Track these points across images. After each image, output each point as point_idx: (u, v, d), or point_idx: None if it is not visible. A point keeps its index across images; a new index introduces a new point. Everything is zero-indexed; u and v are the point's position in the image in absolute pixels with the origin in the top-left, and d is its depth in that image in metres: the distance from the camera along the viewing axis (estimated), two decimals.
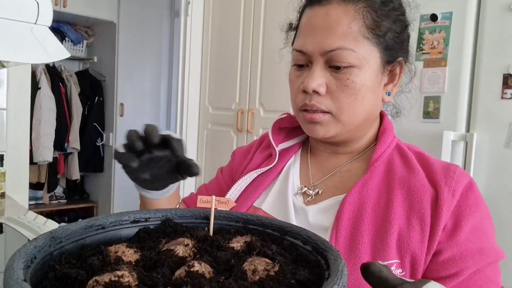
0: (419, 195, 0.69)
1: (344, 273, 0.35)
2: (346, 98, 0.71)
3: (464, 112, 1.67)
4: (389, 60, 0.74)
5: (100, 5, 3.88)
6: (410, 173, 0.73)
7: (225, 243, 0.46)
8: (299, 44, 0.74)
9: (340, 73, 0.70)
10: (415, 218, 0.68)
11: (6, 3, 0.83)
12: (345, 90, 0.71)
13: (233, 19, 2.69)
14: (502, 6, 1.56)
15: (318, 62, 0.71)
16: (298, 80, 0.75)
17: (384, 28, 0.72)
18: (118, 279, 0.35)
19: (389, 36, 0.73)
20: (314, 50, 0.71)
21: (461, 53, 1.65)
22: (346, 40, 0.69)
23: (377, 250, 0.67)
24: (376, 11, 0.72)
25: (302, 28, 0.75)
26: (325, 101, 0.72)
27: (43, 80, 3.65)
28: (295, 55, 0.75)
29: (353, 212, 0.71)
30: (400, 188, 0.71)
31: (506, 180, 1.56)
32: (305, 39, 0.73)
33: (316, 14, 0.72)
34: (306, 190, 0.79)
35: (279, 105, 2.42)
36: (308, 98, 0.72)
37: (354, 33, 0.70)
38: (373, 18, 0.71)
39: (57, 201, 4.13)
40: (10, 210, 1.62)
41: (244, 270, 0.39)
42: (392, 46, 0.73)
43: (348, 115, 0.73)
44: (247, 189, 0.84)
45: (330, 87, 0.71)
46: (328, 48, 0.70)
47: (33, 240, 0.40)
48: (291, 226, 0.48)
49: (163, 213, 0.54)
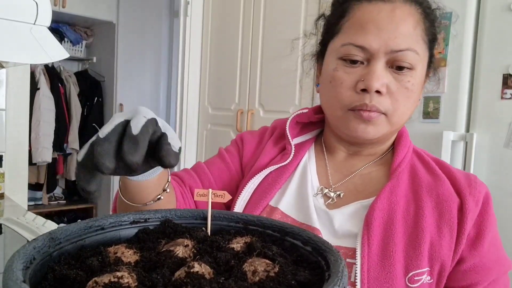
0: (448, 204, 0.69)
1: (344, 274, 0.35)
2: (404, 100, 0.70)
3: (464, 112, 1.67)
4: (429, 65, 0.75)
5: (99, 6, 3.88)
6: (436, 181, 0.73)
7: (225, 244, 0.46)
8: (360, 38, 0.69)
9: (402, 75, 0.69)
10: (445, 227, 0.68)
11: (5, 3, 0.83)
12: (404, 92, 0.69)
13: (232, 19, 2.69)
14: (502, 6, 1.56)
15: (380, 60, 0.68)
16: (350, 77, 0.70)
17: (434, 34, 0.73)
18: (118, 280, 0.35)
19: (435, 43, 0.74)
20: (380, 48, 0.68)
21: (461, 53, 1.64)
22: (412, 41, 0.68)
23: (410, 258, 0.67)
24: (431, 17, 0.73)
25: (359, 22, 0.70)
26: (385, 101, 0.69)
27: (42, 80, 3.65)
28: (349, 49, 0.70)
29: (383, 218, 0.69)
30: (429, 196, 0.71)
31: (506, 180, 1.55)
32: (368, 35, 0.68)
33: (380, 9, 0.69)
34: (327, 192, 0.77)
35: (279, 105, 2.42)
36: (368, 98, 0.69)
37: (417, 35, 0.69)
38: (429, 23, 0.72)
39: (56, 202, 4.13)
40: (9, 211, 1.62)
41: (244, 271, 0.38)
42: (433, 52, 0.75)
43: (400, 117, 0.72)
44: (261, 186, 0.80)
45: (390, 88, 0.69)
46: (396, 47, 0.67)
47: (32, 241, 0.40)
48: (292, 226, 0.48)
49: (163, 213, 0.54)
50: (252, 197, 0.80)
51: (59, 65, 3.95)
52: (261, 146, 0.87)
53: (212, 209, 0.52)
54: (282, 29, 2.37)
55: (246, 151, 0.88)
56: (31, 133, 3.46)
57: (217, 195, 0.54)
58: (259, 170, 0.81)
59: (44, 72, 3.73)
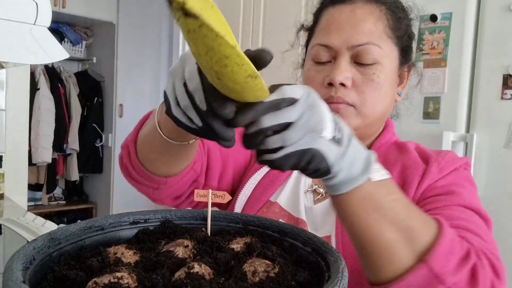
0: (411, 170, 0.72)
1: (344, 275, 0.35)
2: (371, 92, 0.73)
3: (464, 112, 1.67)
4: (403, 61, 0.78)
5: (99, 6, 3.88)
6: (403, 154, 0.76)
7: (225, 244, 0.46)
8: (324, 38, 0.75)
9: (366, 68, 0.72)
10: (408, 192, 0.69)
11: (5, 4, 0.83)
12: (370, 85, 0.73)
13: (232, 19, 2.69)
14: (501, 7, 1.56)
15: (344, 56, 0.73)
16: (319, 75, 0.76)
17: (403, 31, 0.77)
18: (118, 280, 0.35)
19: (405, 38, 0.77)
20: (341, 44, 0.73)
21: (461, 54, 1.64)
22: (373, 37, 0.72)
23: None
24: (397, 14, 0.76)
25: (325, 25, 0.77)
26: (351, 94, 0.73)
27: (42, 80, 3.65)
28: (318, 50, 0.76)
29: None
30: (394, 168, 0.74)
31: (506, 181, 1.55)
32: (330, 34, 0.74)
33: (341, 11, 0.75)
34: (317, 188, 0.80)
35: None
36: (333, 91, 0.73)
37: (379, 32, 0.73)
38: (394, 20, 0.75)
39: (56, 202, 4.12)
40: (9, 211, 1.62)
41: (244, 271, 0.38)
42: (406, 48, 0.78)
43: (370, 109, 0.74)
44: (263, 182, 0.82)
45: (356, 81, 0.73)
46: (356, 42, 0.72)
47: (32, 242, 0.40)
48: (291, 227, 0.48)
49: (163, 214, 0.54)
50: (253, 192, 0.82)
51: (59, 66, 3.95)
52: None
53: (212, 210, 0.52)
54: (282, 28, 2.37)
55: None
56: (31, 134, 3.45)
57: (217, 196, 0.54)
58: (262, 166, 0.82)
59: (44, 73, 3.73)
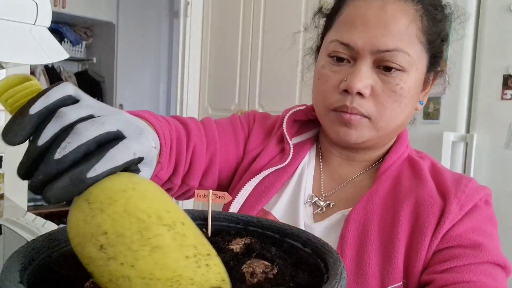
0: (426, 207, 0.64)
1: (343, 276, 0.35)
2: (390, 104, 0.65)
3: (464, 113, 1.67)
4: (431, 68, 0.70)
5: (99, 6, 3.88)
6: (418, 184, 0.67)
7: (225, 245, 0.46)
8: (345, 36, 0.65)
9: (390, 77, 0.64)
10: (421, 231, 0.63)
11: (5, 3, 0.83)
12: (391, 96, 0.64)
13: (232, 20, 2.69)
14: (502, 7, 1.56)
15: (366, 60, 0.64)
16: (335, 76, 0.66)
17: (436, 35, 0.67)
18: None
19: (437, 43, 0.68)
20: (364, 47, 0.63)
21: (461, 54, 1.64)
22: (402, 41, 0.63)
23: (385, 271, 0.62)
24: (433, 15, 0.66)
25: (348, 18, 0.66)
26: (367, 104, 0.64)
27: (42, 81, 3.65)
28: (336, 46, 0.66)
29: (358, 230, 0.65)
30: (407, 199, 0.65)
31: (506, 181, 1.55)
32: (354, 32, 0.64)
33: (369, 5, 0.64)
34: (317, 201, 0.73)
35: (279, 105, 2.41)
36: (349, 100, 0.64)
37: (410, 35, 0.63)
38: (430, 22, 0.66)
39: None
40: (9, 212, 1.62)
41: (242, 272, 0.38)
42: (437, 54, 0.69)
43: (386, 122, 0.66)
44: (258, 188, 0.75)
45: (376, 90, 0.64)
46: (382, 47, 0.62)
47: (31, 242, 0.40)
48: (291, 228, 0.48)
49: None
50: (247, 200, 0.75)
51: (59, 66, 3.95)
52: (268, 139, 0.81)
53: (212, 210, 0.52)
54: (282, 29, 2.37)
55: (254, 137, 0.81)
56: None
57: (218, 196, 0.54)
58: (257, 172, 0.76)
59: (44, 73, 3.73)
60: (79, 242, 0.31)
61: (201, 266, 0.32)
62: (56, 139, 0.33)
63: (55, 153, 0.32)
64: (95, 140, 0.33)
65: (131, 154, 0.35)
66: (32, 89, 0.34)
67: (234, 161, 0.79)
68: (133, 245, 0.30)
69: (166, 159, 0.66)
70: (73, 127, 0.33)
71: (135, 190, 0.33)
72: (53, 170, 0.32)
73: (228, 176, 0.80)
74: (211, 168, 0.76)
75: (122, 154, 0.34)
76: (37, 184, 0.32)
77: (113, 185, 0.32)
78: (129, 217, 0.31)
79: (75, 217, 0.32)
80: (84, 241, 0.31)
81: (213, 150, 0.76)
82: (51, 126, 0.33)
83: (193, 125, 0.75)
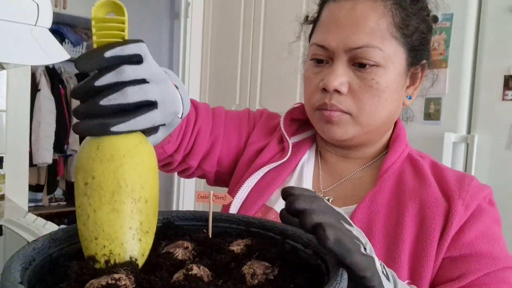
0: (431, 210, 0.65)
1: (343, 278, 0.35)
2: (369, 99, 0.67)
3: (465, 113, 1.67)
4: (413, 62, 0.71)
5: None
6: (422, 186, 0.68)
7: (225, 246, 0.46)
8: (321, 38, 0.69)
9: (365, 72, 0.66)
10: (427, 235, 0.64)
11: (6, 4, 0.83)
12: (368, 91, 0.66)
13: (233, 20, 2.69)
14: (502, 8, 1.56)
15: (340, 59, 0.67)
16: (317, 77, 0.70)
17: (412, 28, 0.68)
18: (115, 282, 0.35)
19: (416, 36, 0.69)
20: (338, 46, 0.66)
21: (462, 55, 1.64)
22: (374, 38, 0.65)
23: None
24: (406, 9, 0.68)
25: (324, 21, 0.70)
26: (346, 101, 0.67)
27: (42, 82, 3.65)
28: (315, 49, 0.70)
29: (362, 229, 0.64)
30: (412, 201, 0.67)
31: (507, 182, 1.55)
32: (328, 34, 0.68)
33: (341, 7, 0.68)
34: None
35: (280, 106, 2.41)
36: (327, 97, 0.68)
37: (382, 31, 0.66)
38: (402, 16, 0.67)
39: (56, 203, 4.12)
40: (10, 212, 1.62)
41: (242, 273, 0.38)
42: (417, 47, 0.70)
43: (368, 117, 0.68)
44: (259, 185, 0.77)
45: (353, 87, 0.67)
46: (354, 45, 0.65)
47: (32, 242, 0.40)
48: (293, 229, 0.48)
49: (164, 215, 0.53)
50: (249, 196, 0.77)
51: (60, 67, 3.95)
52: (270, 137, 0.84)
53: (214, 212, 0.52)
54: (283, 30, 2.37)
55: (257, 132, 0.85)
56: (31, 135, 3.45)
57: (218, 197, 0.54)
58: (258, 168, 0.78)
59: (45, 74, 3.73)
60: (78, 170, 0.40)
61: (135, 238, 0.40)
62: (109, 88, 0.40)
63: (102, 99, 0.39)
64: (135, 104, 0.41)
65: (151, 123, 0.43)
66: (120, 29, 0.43)
67: (234, 150, 0.84)
68: (103, 199, 0.39)
69: (175, 135, 0.73)
70: (124, 87, 0.40)
71: (132, 159, 0.40)
72: (93, 111, 0.39)
73: (227, 164, 0.84)
74: (211, 152, 0.81)
75: (145, 121, 0.42)
76: (77, 115, 0.40)
77: (120, 145, 0.40)
78: (113, 179, 0.39)
79: (85, 152, 0.40)
80: (81, 171, 0.40)
81: (216, 136, 0.81)
82: (110, 76, 0.40)
83: (203, 110, 0.81)
